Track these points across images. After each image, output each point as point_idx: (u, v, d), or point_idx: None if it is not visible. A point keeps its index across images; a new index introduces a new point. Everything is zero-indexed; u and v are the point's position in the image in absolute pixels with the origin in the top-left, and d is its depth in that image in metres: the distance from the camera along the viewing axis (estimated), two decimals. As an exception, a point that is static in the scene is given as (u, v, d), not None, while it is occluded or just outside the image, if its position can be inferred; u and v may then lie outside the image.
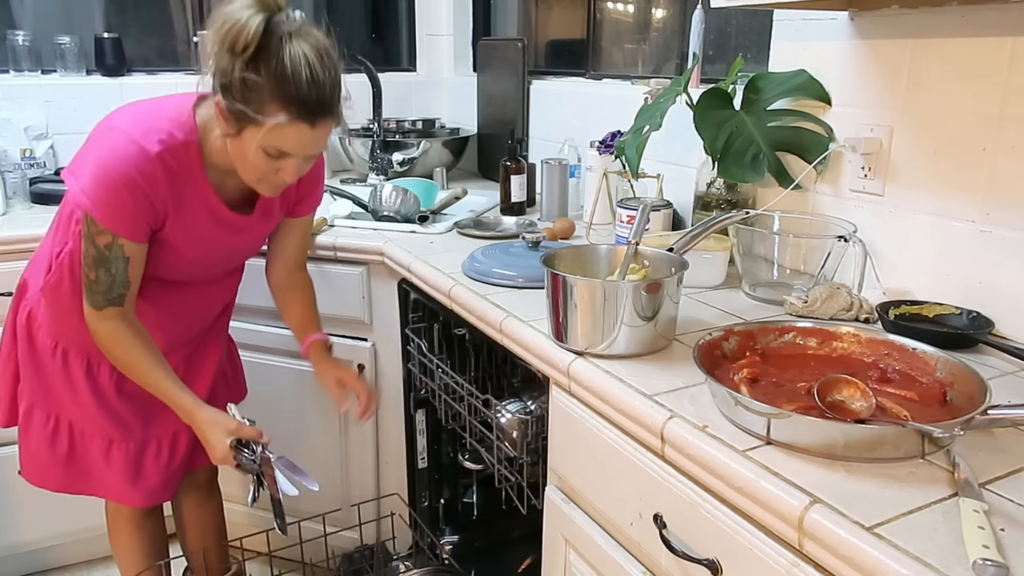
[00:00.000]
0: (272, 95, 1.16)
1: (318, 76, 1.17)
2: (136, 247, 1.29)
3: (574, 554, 1.20)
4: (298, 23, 1.19)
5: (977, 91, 1.18)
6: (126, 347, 1.35)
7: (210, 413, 1.37)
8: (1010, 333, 1.18)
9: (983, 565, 0.64)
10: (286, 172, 1.26)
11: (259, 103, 1.17)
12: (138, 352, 1.35)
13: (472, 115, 2.60)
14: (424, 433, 1.85)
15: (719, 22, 1.82)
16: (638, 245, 1.18)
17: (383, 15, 2.85)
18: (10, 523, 1.97)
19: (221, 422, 1.37)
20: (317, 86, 1.18)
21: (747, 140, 1.44)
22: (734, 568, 0.86)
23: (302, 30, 1.19)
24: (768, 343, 1.04)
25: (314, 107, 1.18)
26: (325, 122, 1.22)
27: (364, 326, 1.84)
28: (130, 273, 1.31)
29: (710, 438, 0.88)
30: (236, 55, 1.14)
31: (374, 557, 1.88)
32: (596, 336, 1.09)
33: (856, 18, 1.36)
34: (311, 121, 1.19)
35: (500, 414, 1.40)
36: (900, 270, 1.33)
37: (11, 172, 2.11)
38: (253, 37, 1.13)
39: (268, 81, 1.15)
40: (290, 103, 1.16)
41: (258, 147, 1.20)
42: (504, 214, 2.02)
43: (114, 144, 1.23)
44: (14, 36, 2.24)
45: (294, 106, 1.17)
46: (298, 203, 1.50)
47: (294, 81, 1.15)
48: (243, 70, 1.15)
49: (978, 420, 0.82)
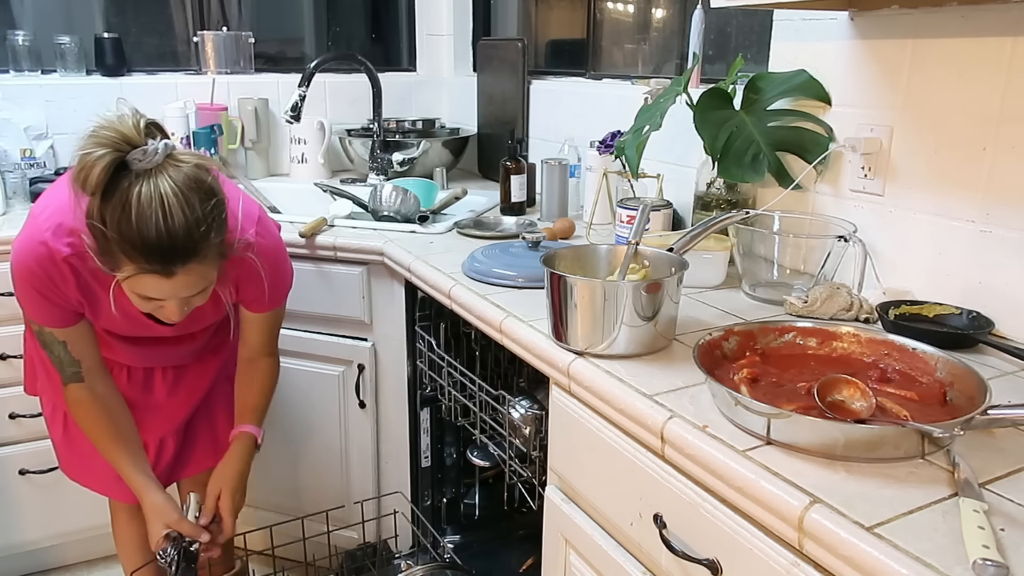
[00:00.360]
0: (119, 248, 1.07)
1: (171, 221, 1.05)
2: (67, 331, 1.27)
3: (574, 554, 1.20)
4: (159, 156, 1.07)
5: (977, 91, 1.18)
6: (90, 422, 1.37)
7: (156, 500, 1.37)
8: (1010, 333, 1.18)
9: (983, 565, 0.64)
10: (169, 311, 1.19)
11: (110, 255, 1.09)
12: (101, 428, 1.37)
13: (472, 115, 2.60)
14: (428, 432, 1.85)
15: (719, 22, 1.82)
16: (638, 245, 1.18)
17: (383, 15, 2.85)
18: (10, 523, 1.97)
19: (164, 512, 1.37)
20: (169, 233, 1.05)
21: (747, 140, 1.44)
22: (734, 568, 0.86)
23: (163, 165, 1.07)
24: (768, 343, 1.04)
25: (167, 256, 1.08)
26: (188, 267, 1.11)
27: (364, 326, 1.84)
28: (74, 353, 1.29)
29: (710, 438, 0.88)
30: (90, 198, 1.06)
31: (376, 555, 1.88)
32: (596, 336, 1.09)
33: (856, 18, 1.36)
34: (166, 272, 1.10)
35: (513, 409, 1.40)
36: (900, 270, 1.33)
37: (11, 172, 2.11)
38: (99, 182, 1.03)
39: (113, 232, 1.05)
40: (136, 257, 1.07)
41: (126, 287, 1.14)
42: (504, 214, 2.02)
43: (29, 236, 1.20)
44: (14, 36, 2.24)
45: (142, 259, 1.07)
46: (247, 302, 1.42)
47: (139, 232, 1.05)
48: (93, 218, 1.06)
49: (978, 420, 0.82)
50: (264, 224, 1.36)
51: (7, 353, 1.85)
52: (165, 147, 1.08)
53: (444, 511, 1.94)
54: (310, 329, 1.87)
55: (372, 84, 2.40)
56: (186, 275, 1.12)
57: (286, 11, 2.74)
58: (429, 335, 1.70)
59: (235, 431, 1.50)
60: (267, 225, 1.37)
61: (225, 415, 1.61)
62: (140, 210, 1.04)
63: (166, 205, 1.05)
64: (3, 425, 1.89)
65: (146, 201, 1.04)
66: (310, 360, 1.88)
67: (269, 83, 2.50)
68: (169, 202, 1.05)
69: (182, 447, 1.59)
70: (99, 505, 1.65)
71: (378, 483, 1.96)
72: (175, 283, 1.12)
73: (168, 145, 1.09)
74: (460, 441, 1.90)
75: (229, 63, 2.47)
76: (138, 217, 1.04)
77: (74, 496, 1.84)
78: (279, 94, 2.50)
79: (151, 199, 1.04)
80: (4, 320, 1.82)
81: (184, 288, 1.15)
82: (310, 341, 1.87)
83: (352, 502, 1.90)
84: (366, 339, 1.85)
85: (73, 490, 1.60)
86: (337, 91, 2.61)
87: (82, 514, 1.97)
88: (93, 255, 1.11)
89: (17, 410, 1.89)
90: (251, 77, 2.50)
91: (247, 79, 2.49)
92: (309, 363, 1.88)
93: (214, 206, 1.12)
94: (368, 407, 1.89)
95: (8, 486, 1.94)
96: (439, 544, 1.79)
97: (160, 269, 1.09)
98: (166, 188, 1.05)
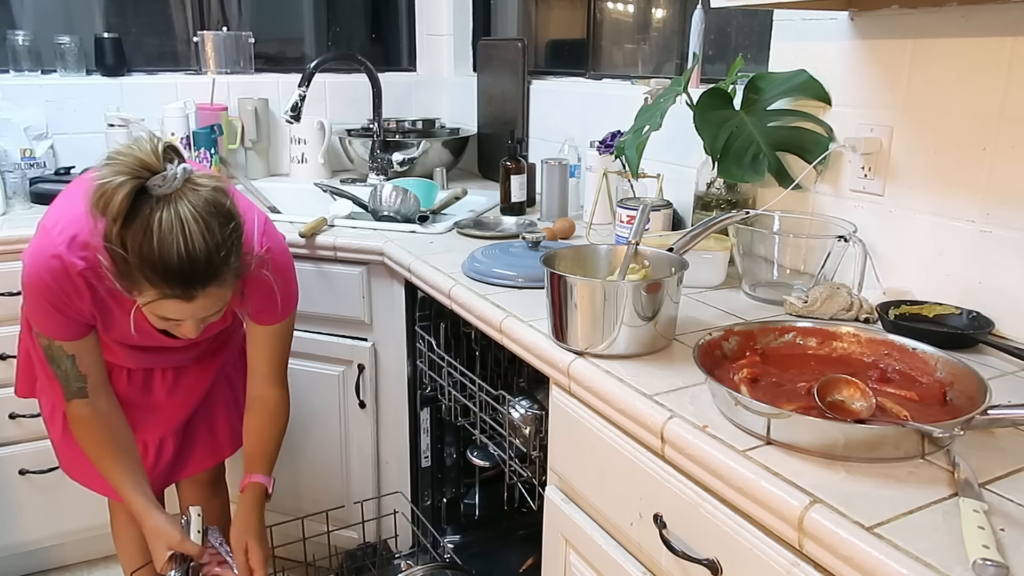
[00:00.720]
0: (140, 273, 1.07)
1: (192, 246, 1.06)
2: (76, 344, 1.26)
3: (574, 554, 1.20)
4: (178, 181, 1.07)
5: (977, 91, 1.18)
6: (90, 440, 1.37)
7: (157, 522, 1.36)
8: (1010, 333, 1.18)
9: (983, 565, 0.64)
10: (186, 329, 1.20)
11: (130, 279, 1.09)
12: (103, 447, 1.36)
13: (472, 115, 2.60)
14: (428, 432, 1.85)
15: (719, 22, 1.82)
16: (638, 245, 1.18)
17: (383, 15, 2.85)
18: (10, 523, 1.97)
19: (165, 534, 1.36)
20: (191, 258, 1.07)
21: (747, 140, 1.44)
22: (734, 568, 0.86)
23: (183, 190, 1.07)
24: (768, 343, 1.04)
25: (188, 281, 1.09)
26: (207, 291, 1.12)
27: (364, 326, 1.84)
28: (81, 367, 1.28)
29: (710, 438, 0.88)
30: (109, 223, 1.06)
31: (376, 555, 1.89)
32: (596, 336, 1.09)
33: (856, 18, 1.36)
34: (187, 296, 1.11)
35: (513, 409, 1.40)
36: (900, 270, 1.33)
37: (11, 172, 2.11)
38: (120, 209, 1.04)
39: (135, 258, 1.06)
40: (158, 282, 1.08)
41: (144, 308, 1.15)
42: (504, 214, 2.02)
43: (42, 249, 1.19)
44: (14, 36, 2.24)
45: (164, 285, 1.08)
46: (254, 314, 1.40)
47: (161, 258, 1.05)
48: (112, 242, 1.07)
49: (978, 420, 0.82)
50: (272, 236, 1.35)
51: (7, 353, 1.85)
52: (184, 171, 1.09)
53: (444, 511, 1.94)
54: (310, 329, 1.87)
55: (372, 84, 2.40)
56: (206, 298, 1.13)
57: (286, 11, 2.74)
58: (429, 335, 1.70)
59: (245, 480, 1.47)
60: (275, 237, 1.37)
61: (224, 416, 1.61)
62: (162, 236, 1.05)
63: (187, 231, 1.06)
64: (3, 425, 1.89)
65: (167, 227, 1.05)
66: (310, 360, 1.88)
67: (269, 83, 2.50)
68: (190, 228, 1.06)
69: (181, 447, 1.59)
70: (99, 505, 1.65)
71: (378, 483, 1.96)
72: (195, 306, 1.13)
73: (187, 169, 1.09)
74: (460, 441, 1.90)
75: (229, 63, 2.47)
76: (160, 243, 1.05)
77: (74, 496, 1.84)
78: (279, 94, 2.50)
79: (172, 225, 1.05)
80: (4, 320, 1.82)
81: (203, 310, 1.16)
82: (310, 341, 1.87)
83: (352, 502, 1.90)
84: (366, 339, 1.85)
85: (73, 490, 1.60)
86: (337, 91, 2.61)
87: (82, 514, 1.97)
88: (112, 277, 1.11)
89: (17, 410, 1.89)
90: (251, 77, 2.50)
91: (247, 79, 2.49)
92: (309, 363, 1.88)
93: (233, 229, 1.12)
94: (368, 407, 1.89)
95: (8, 486, 1.94)
96: (439, 544, 1.79)
97: (181, 294, 1.10)
98: (186, 214, 1.06)
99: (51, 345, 1.28)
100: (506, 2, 2.67)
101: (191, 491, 1.70)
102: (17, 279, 1.47)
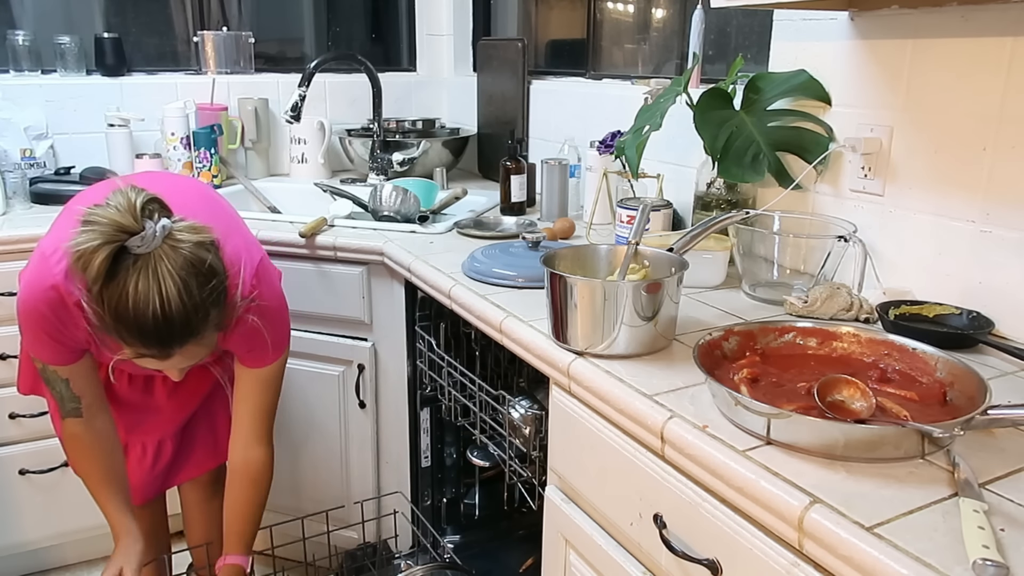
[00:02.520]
0: (115, 333, 1.08)
1: (168, 308, 1.05)
2: (70, 369, 1.26)
3: (574, 554, 1.20)
4: (157, 239, 1.06)
5: (977, 91, 1.18)
6: (81, 459, 1.36)
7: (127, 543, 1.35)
8: (1010, 333, 1.18)
9: (983, 565, 0.64)
10: (170, 372, 1.22)
11: (106, 333, 1.09)
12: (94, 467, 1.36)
13: (472, 115, 2.60)
14: (428, 432, 1.85)
15: (719, 22, 1.82)
16: (638, 245, 1.18)
17: (383, 15, 2.85)
18: (10, 523, 1.97)
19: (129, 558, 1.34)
20: (166, 320, 1.06)
21: (747, 140, 1.44)
22: (734, 568, 0.86)
23: (162, 249, 1.06)
24: (768, 343, 1.04)
25: (164, 342, 1.09)
26: (184, 348, 1.12)
27: (364, 326, 1.84)
28: (75, 390, 1.28)
29: (710, 438, 0.88)
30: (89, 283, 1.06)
31: (376, 555, 1.88)
32: (596, 336, 1.09)
33: (856, 18, 1.36)
34: (163, 355, 1.11)
35: (513, 409, 1.40)
36: (900, 270, 1.33)
37: (11, 172, 2.11)
38: (99, 273, 1.03)
39: (110, 319, 1.06)
40: (133, 342, 1.08)
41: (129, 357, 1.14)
42: (504, 214, 2.02)
43: (39, 278, 1.18)
44: (14, 36, 2.24)
45: (139, 345, 1.09)
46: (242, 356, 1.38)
47: (136, 320, 1.05)
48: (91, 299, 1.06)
49: (978, 420, 0.82)
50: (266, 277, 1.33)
51: (7, 353, 1.85)
52: (163, 229, 1.07)
53: (444, 511, 1.94)
54: (310, 329, 1.87)
55: (372, 84, 2.40)
56: (182, 354, 1.14)
57: (286, 11, 2.74)
58: (429, 335, 1.70)
59: (222, 562, 1.45)
60: (269, 277, 1.34)
61: (225, 417, 1.61)
62: (137, 299, 1.04)
63: (163, 294, 1.05)
64: (3, 425, 1.89)
65: (144, 291, 1.04)
66: (310, 360, 1.88)
67: (269, 83, 2.50)
68: (167, 291, 1.05)
69: (181, 449, 1.59)
70: (99, 505, 1.66)
71: (378, 483, 1.96)
72: (173, 361, 1.14)
73: (165, 227, 1.07)
74: (460, 441, 1.90)
75: (229, 63, 2.47)
76: (134, 307, 1.04)
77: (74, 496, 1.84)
78: (279, 94, 2.50)
79: (148, 289, 1.04)
80: (4, 320, 1.82)
81: (182, 362, 1.17)
82: (310, 341, 1.87)
83: (352, 502, 1.90)
84: (366, 339, 1.85)
85: (73, 490, 1.60)
86: (337, 91, 2.61)
87: (82, 514, 1.97)
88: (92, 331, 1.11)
89: (17, 410, 1.89)
90: (251, 77, 2.50)
91: (247, 79, 2.49)
92: (309, 363, 1.88)
93: (214, 287, 1.11)
94: (368, 407, 1.89)
95: (8, 486, 1.94)
96: (439, 544, 1.79)
97: (157, 352, 1.10)
98: (164, 275, 1.05)
99: (45, 368, 1.28)
100: (506, 2, 2.67)
101: (192, 493, 1.70)
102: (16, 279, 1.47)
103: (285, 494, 1.99)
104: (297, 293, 1.79)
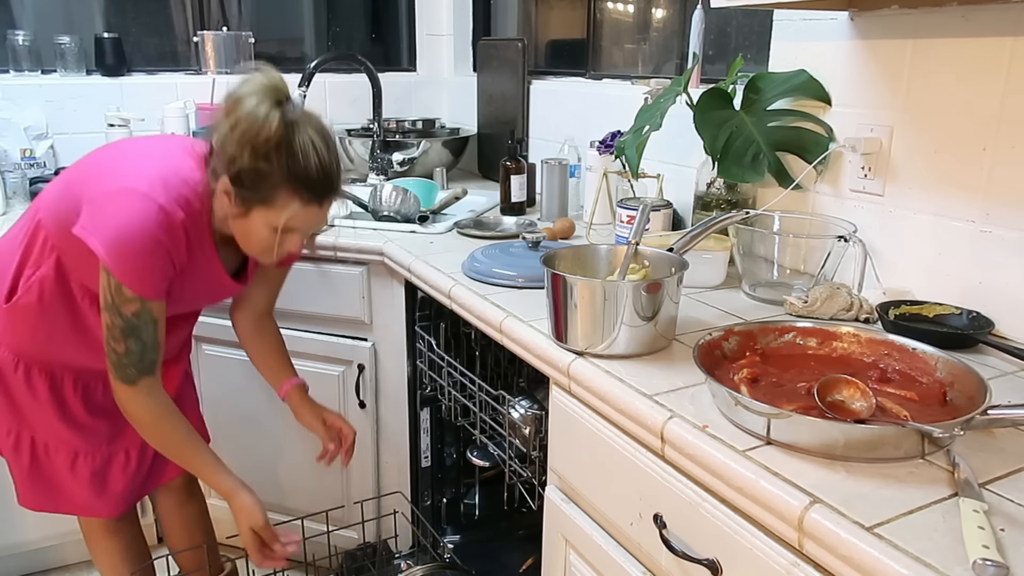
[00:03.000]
0: (285, 184, 1.20)
1: (324, 161, 1.22)
2: (161, 306, 1.27)
3: (574, 554, 1.20)
4: (300, 109, 1.22)
5: (977, 91, 1.18)
6: (166, 425, 1.33)
7: (244, 501, 1.37)
8: (1010, 333, 1.18)
9: (983, 565, 0.64)
10: (291, 244, 1.29)
11: (271, 191, 1.20)
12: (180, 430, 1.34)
13: (472, 115, 2.60)
14: (428, 432, 1.85)
15: (719, 22, 1.82)
16: (638, 245, 1.18)
17: (383, 15, 2.86)
18: (10, 523, 1.97)
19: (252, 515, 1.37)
20: (325, 171, 1.22)
21: (747, 140, 1.44)
22: (734, 568, 0.86)
23: (305, 115, 1.22)
24: (768, 343, 1.04)
25: (324, 191, 1.24)
26: (332, 201, 1.28)
27: (364, 326, 1.84)
28: (159, 335, 1.28)
29: (710, 438, 0.88)
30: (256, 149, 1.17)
31: (376, 555, 1.88)
32: (596, 336, 1.09)
33: (856, 18, 1.36)
34: (320, 203, 1.25)
35: (513, 409, 1.40)
36: (900, 270, 1.33)
37: (11, 172, 2.11)
38: (276, 134, 1.16)
39: (281, 171, 1.19)
40: (303, 190, 1.21)
41: (267, 226, 1.24)
42: (504, 214, 2.02)
43: (140, 209, 1.19)
44: (14, 36, 2.24)
45: (307, 192, 1.22)
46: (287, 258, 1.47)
47: (305, 170, 1.20)
48: (254, 160, 1.17)
49: (978, 420, 0.82)
50: None
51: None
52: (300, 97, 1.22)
53: (444, 511, 1.94)
54: (310, 329, 1.87)
55: (372, 84, 2.40)
56: (328, 208, 1.29)
57: (286, 11, 2.74)
58: (429, 335, 1.70)
59: (285, 387, 1.57)
60: None
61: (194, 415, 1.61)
62: (305, 152, 1.19)
63: (320, 148, 1.21)
64: (3, 425, 1.89)
65: (307, 144, 1.20)
66: (310, 360, 1.88)
67: (269, 83, 2.50)
68: (322, 144, 1.22)
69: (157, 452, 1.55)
70: (99, 505, 1.65)
71: (378, 483, 1.96)
72: (323, 213, 1.28)
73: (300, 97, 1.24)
74: (460, 441, 1.90)
75: (229, 63, 2.47)
76: (304, 158, 1.19)
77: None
78: (279, 94, 2.50)
79: (308, 143, 1.20)
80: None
81: (323, 220, 1.30)
82: (310, 341, 1.87)
83: (352, 502, 1.90)
84: (366, 339, 1.85)
85: (73, 490, 1.59)
86: (337, 91, 2.61)
87: (82, 514, 1.97)
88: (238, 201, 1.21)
89: (17, 410, 1.88)
90: (251, 77, 2.50)
91: (247, 79, 2.48)
92: (309, 363, 1.88)
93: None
94: (368, 407, 1.89)
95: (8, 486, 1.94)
96: (439, 544, 1.79)
97: (318, 201, 1.24)
98: (316, 132, 1.22)
99: (142, 310, 1.23)
100: (506, 2, 2.67)
101: (167, 499, 1.68)
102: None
103: (285, 494, 1.99)
104: (297, 293, 1.79)
